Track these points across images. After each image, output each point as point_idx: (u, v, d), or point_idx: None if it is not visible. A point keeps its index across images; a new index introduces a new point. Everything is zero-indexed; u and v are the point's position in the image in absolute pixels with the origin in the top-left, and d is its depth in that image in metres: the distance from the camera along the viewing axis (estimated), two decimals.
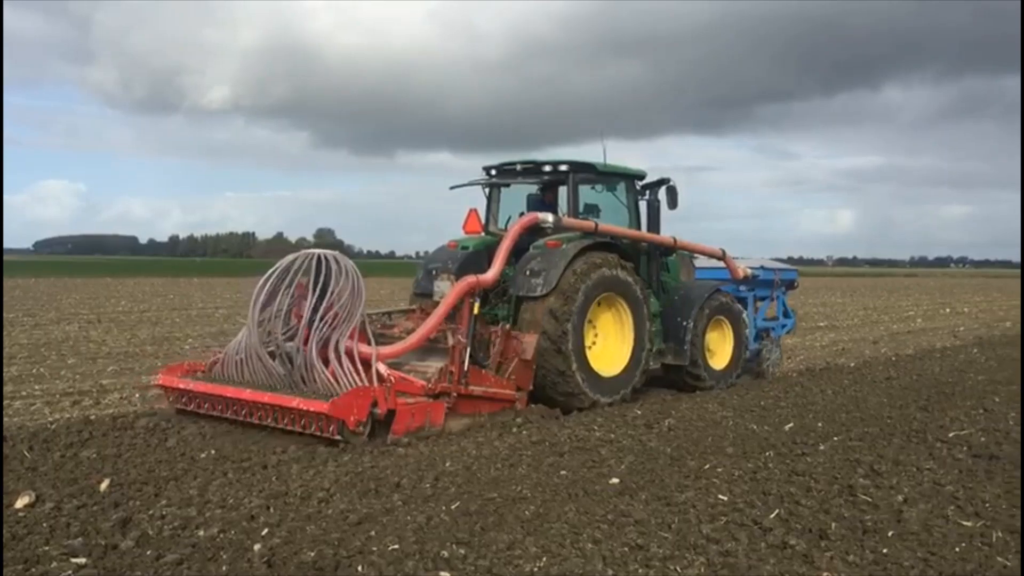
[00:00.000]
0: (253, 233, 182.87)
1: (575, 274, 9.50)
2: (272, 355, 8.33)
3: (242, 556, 4.86)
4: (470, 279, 9.04)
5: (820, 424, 8.54)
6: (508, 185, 11.11)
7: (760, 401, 9.89)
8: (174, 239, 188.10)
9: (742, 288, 12.73)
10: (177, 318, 22.22)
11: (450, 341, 8.54)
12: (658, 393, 10.81)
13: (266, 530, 5.30)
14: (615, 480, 6.41)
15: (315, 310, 8.24)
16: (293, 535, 5.21)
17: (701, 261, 12.57)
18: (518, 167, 10.84)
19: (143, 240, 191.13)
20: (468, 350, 8.55)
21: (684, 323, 11.03)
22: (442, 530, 5.28)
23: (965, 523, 5.42)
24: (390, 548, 4.95)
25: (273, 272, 8.63)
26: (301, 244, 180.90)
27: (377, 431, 7.73)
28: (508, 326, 9.30)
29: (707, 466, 6.78)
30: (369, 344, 8.34)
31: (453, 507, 5.73)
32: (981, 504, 5.81)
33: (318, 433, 7.62)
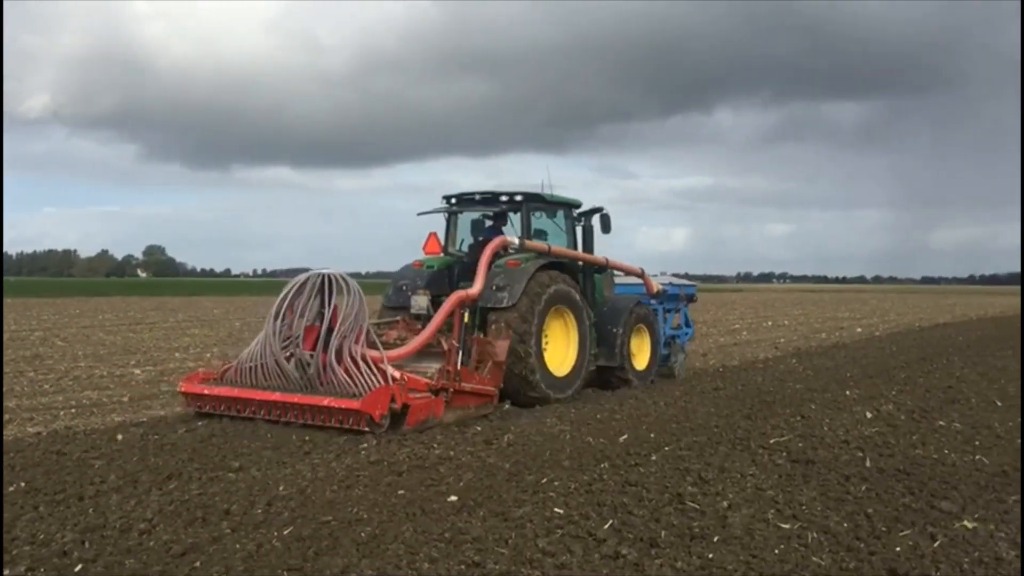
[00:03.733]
0: (75, 251, 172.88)
1: (534, 289, 10.98)
2: (287, 360, 9.39)
3: None
4: (460, 293, 10.51)
5: (652, 435, 8.80)
6: (461, 212, 12.56)
7: (597, 414, 10.10)
8: None
9: (653, 302, 14.26)
10: None
11: (445, 345, 9.90)
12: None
13: (80, 566, 4.96)
14: (453, 498, 6.38)
15: (330, 322, 9.39)
16: (110, 570, 4.90)
17: (618, 277, 14.18)
18: (477, 197, 12.25)
19: None
20: (460, 353, 9.87)
21: (614, 330, 12.63)
22: (273, 557, 5.09)
23: (784, 525, 5.71)
24: None
25: (290, 290, 9.77)
26: (128, 262, 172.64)
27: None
28: (482, 334, 10.59)
29: (544, 480, 6.86)
30: (376, 350, 9.48)
31: (285, 532, 5.54)
32: (798, 507, 6.14)
33: (345, 426, 8.75)
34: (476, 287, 10.65)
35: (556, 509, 6.02)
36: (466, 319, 10.29)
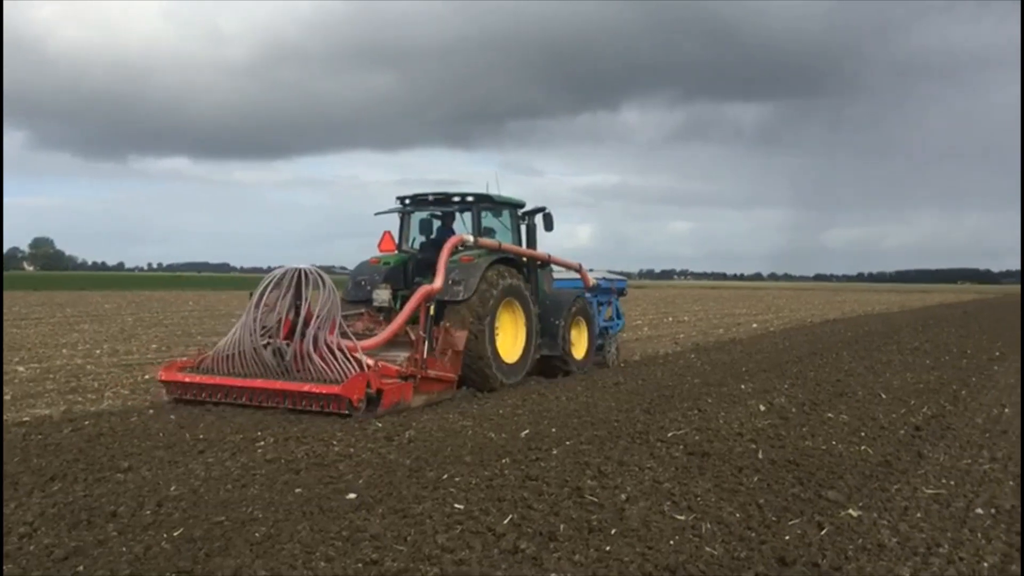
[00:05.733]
0: None
1: (487, 283, 11.81)
2: (265, 348, 10.03)
3: None
4: (427, 288, 11.21)
5: (554, 430, 8.86)
6: (413, 212, 13.44)
7: (499, 409, 10.12)
8: None
9: (588, 295, 15.13)
10: None
11: (413, 336, 10.66)
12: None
13: None
14: (352, 495, 6.29)
15: (307, 314, 10.11)
16: None
17: (557, 272, 14.99)
18: (430, 197, 13.13)
19: None
20: (426, 342, 10.57)
21: (556, 322, 13.53)
22: (161, 560, 4.92)
23: (679, 517, 5.82)
24: None
25: (268, 283, 10.44)
26: (13, 255, 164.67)
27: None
28: (448, 324, 11.26)
29: (445, 476, 6.83)
30: (350, 340, 10.21)
31: (176, 534, 5.37)
32: (693, 498, 6.27)
33: (325, 410, 9.44)
34: (438, 282, 11.33)
35: (456, 505, 6.00)
36: (431, 311, 11.02)
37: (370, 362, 9.99)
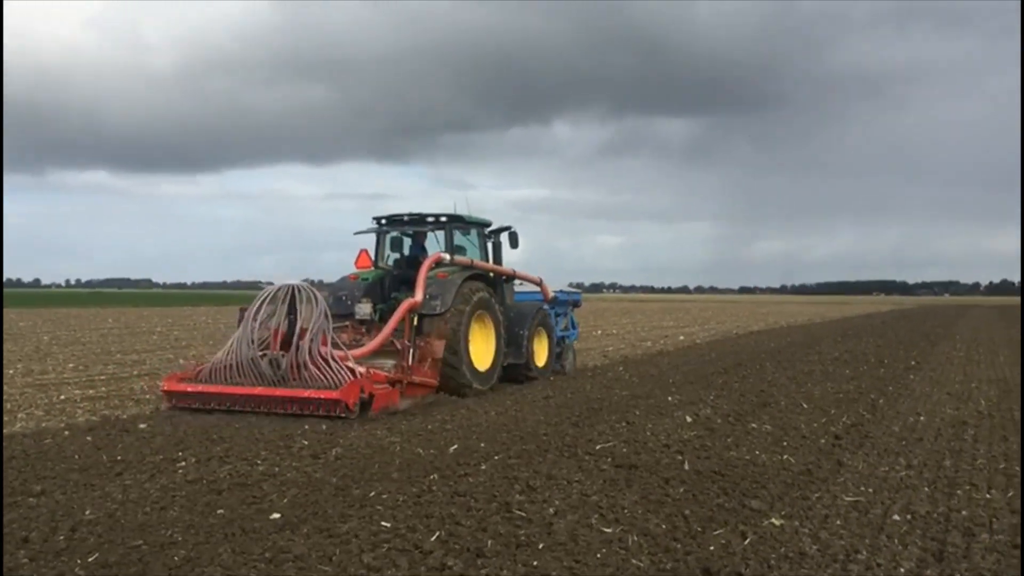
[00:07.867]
0: None
1: (462, 297, 12.79)
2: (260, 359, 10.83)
3: None
4: (411, 301, 12.22)
5: (483, 444, 8.83)
6: (387, 232, 14.37)
7: (427, 425, 10.05)
8: None
9: (546, 307, 15.85)
10: None
11: (399, 345, 11.66)
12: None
13: None
14: (276, 515, 6.16)
15: (301, 326, 10.94)
16: None
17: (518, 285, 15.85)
18: (405, 218, 14.26)
19: None
20: (411, 351, 11.57)
21: (521, 332, 14.43)
22: None
23: (606, 530, 5.84)
24: None
25: (265, 299, 11.31)
26: None
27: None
28: (427, 335, 12.18)
29: (372, 494, 6.74)
30: (340, 350, 11.02)
31: (90, 560, 5.19)
32: (621, 511, 6.30)
33: (323, 414, 10.22)
34: (418, 295, 12.32)
35: (383, 523, 5.92)
36: (415, 322, 12.11)
37: (361, 370, 10.77)
